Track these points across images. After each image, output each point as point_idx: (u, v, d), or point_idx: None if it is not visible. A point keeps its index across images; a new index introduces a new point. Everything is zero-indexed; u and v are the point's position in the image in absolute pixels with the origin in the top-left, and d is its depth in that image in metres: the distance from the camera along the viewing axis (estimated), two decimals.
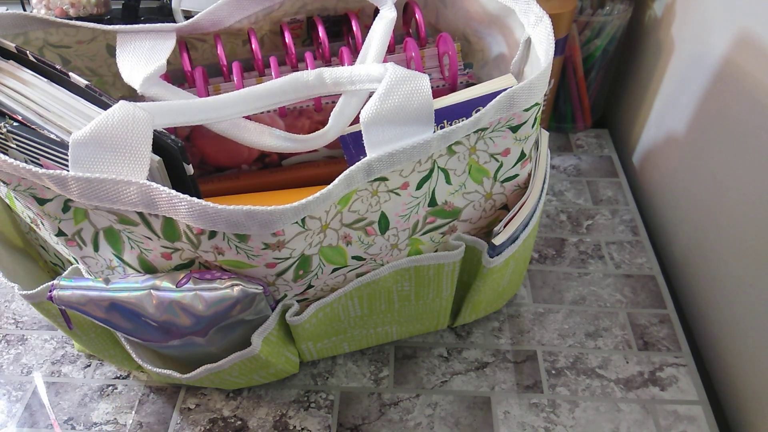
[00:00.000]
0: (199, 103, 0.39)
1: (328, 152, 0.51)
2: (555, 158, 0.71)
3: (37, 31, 0.45)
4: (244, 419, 0.48)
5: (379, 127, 0.35)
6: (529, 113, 0.39)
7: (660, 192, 0.64)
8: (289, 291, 0.41)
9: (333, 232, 0.38)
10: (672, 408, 0.47)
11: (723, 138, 0.51)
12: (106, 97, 0.37)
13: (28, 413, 0.48)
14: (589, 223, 0.63)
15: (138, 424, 0.47)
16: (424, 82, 0.36)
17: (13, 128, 0.37)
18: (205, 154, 0.48)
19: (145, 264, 0.39)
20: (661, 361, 0.50)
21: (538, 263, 0.59)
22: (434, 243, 0.44)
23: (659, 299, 0.55)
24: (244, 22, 0.49)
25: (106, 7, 0.65)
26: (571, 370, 0.50)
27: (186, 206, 0.33)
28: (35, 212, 0.37)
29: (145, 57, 0.43)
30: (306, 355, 0.48)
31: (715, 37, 0.53)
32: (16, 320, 0.55)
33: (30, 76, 0.38)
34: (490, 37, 0.49)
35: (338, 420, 0.47)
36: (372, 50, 0.43)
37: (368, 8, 0.52)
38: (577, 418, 0.47)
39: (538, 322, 0.54)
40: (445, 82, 0.48)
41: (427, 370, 0.50)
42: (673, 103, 0.61)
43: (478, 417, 0.47)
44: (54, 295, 0.38)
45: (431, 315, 0.49)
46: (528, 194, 0.43)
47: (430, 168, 0.38)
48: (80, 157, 0.34)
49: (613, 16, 0.65)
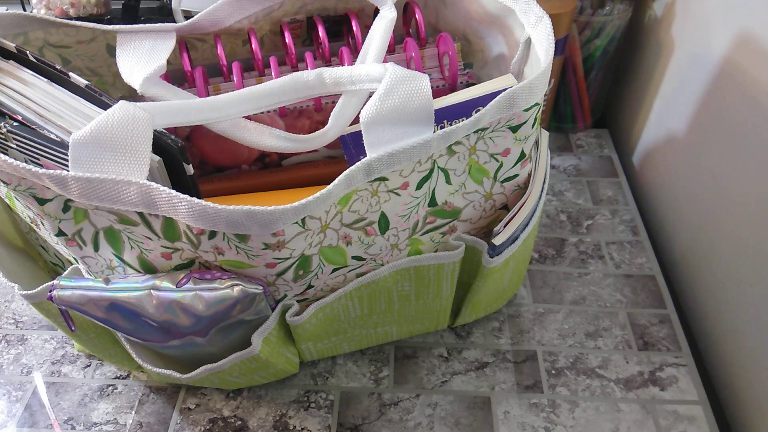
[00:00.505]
0: (199, 103, 0.39)
1: (328, 152, 0.51)
2: (555, 158, 0.71)
3: (37, 31, 0.45)
4: (244, 419, 0.48)
5: (379, 127, 0.35)
6: (529, 113, 0.39)
7: (660, 192, 0.64)
8: (289, 291, 0.41)
9: (333, 232, 0.38)
10: (672, 408, 0.47)
11: (723, 138, 0.51)
12: (106, 97, 0.37)
13: (28, 413, 0.48)
14: (589, 223, 0.63)
15: (138, 424, 0.47)
16: (424, 82, 0.36)
17: (13, 128, 0.37)
18: (205, 154, 0.48)
19: (145, 264, 0.39)
20: (661, 361, 0.50)
21: (538, 263, 0.59)
22: (434, 243, 0.44)
23: (659, 299, 0.55)
24: (244, 22, 0.49)
25: (106, 7, 0.65)
26: (571, 370, 0.50)
27: (186, 206, 0.33)
28: (35, 212, 0.37)
29: (145, 57, 0.43)
30: (306, 355, 0.48)
31: (715, 37, 0.53)
32: (16, 320, 0.55)
33: (30, 76, 0.38)
34: (490, 37, 0.49)
35: (338, 420, 0.47)
36: (372, 50, 0.43)
37: (368, 8, 0.52)
38: (577, 418, 0.47)
39: (538, 322, 0.54)
40: (445, 82, 0.48)
41: (427, 370, 0.50)
42: (673, 103, 0.61)
43: (478, 417, 0.47)
44: (54, 295, 0.38)
45: (431, 315, 0.49)
46: (528, 194, 0.43)
47: (430, 168, 0.38)
48: (80, 157, 0.34)
49: (613, 16, 0.65)
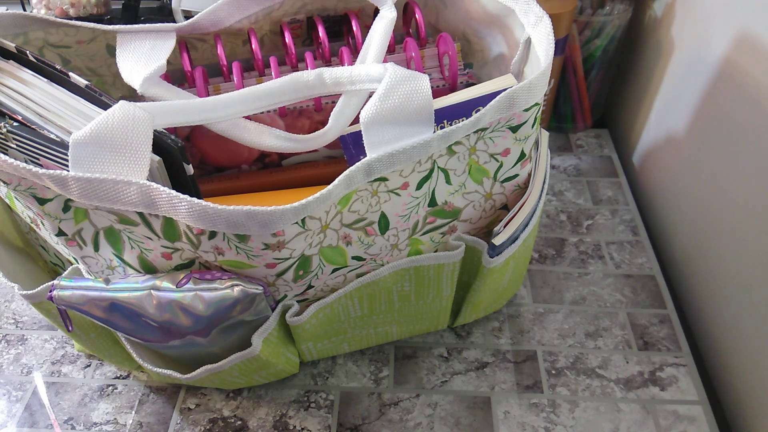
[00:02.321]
0: (199, 103, 0.39)
1: (328, 152, 0.51)
2: (555, 158, 0.71)
3: (37, 31, 0.45)
4: (244, 419, 0.48)
5: (379, 128, 0.35)
6: (529, 113, 0.39)
7: (660, 192, 0.64)
8: (289, 291, 0.41)
9: (333, 232, 0.38)
10: (672, 408, 0.47)
11: (723, 138, 0.51)
12: (106, 97, 0.37)
13: (28, 413, 0.48)
14: (589, 223, 0.63)
15: (138, 424, 0.47)
16: (424, 82, 0.36)
17: (13, 128, 0.37)
18: (205, 154, 0.48)
19: (146, 264, 0.39)
20: (661, 361, 0.50)
21: (538, 263, 0.59)
22: (434, 243, 0.44)
23: (659, 299, 0.55)
24: (244, 22, 0.49)
25: (106, 7, 0.65)
26: (571, 370, 0.50)
27: (186, 206, 0.33)
28: (35, 212, 0.37)
29: (145, 57, 0.43)
30: (306, 356, 0.48)
31: (715, 37, 0.53)
32: (16, 320, 0.55)
33: (30, 76, 0.38)
34: (490, 37, 0.49)
35: (338, 420, 0.47)
36: (372, 50, 0.43)
37: (368, 8, 0.52)
38: (577, 418, 0.47)
39: (538, 322, 0.54)
40: (445, 82, 0.48)
41: (427, 370, 0.50)
42: (673, 103, 0.61)
43: (478, 417, 0.47)
44: (54, 295, 0.38)
45: (431, 315, 0.49)
46: (528, 194, 0.43)
47: (430, 168, 0.38)
48: (80, 157, 0.34)
49: (613, 16, 0.65)
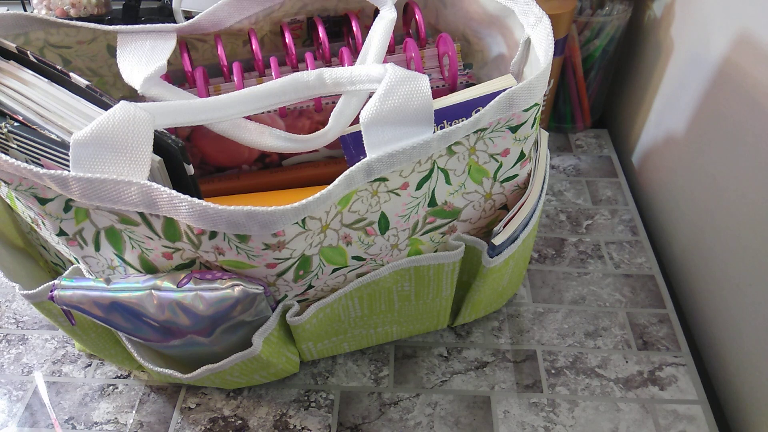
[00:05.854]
0: (200, 104, 0.39)
1: (328, 152, 0.51)
2: (555, 158, 0.71)
3: (37, 31, 0.45)
4: (244, 419, 0.48)
5: (379, 128, 0.35)
6: (528, 113, 0.39)
7: (659, 192, 0.64)
8: (289, 291, 0.41)
9: (333, 232, 0.38)
10: (671, 407, 0.48)
11: (722, 138, 0.51)
12: (106, 98, 0.37)
13: (28, 413, 0.48)
14: (588, 223, 0.63)
15: (139, 424, 0.47)
16: (423, 82, 0.36)
17: (14, 128, 0.37)
18: (206, 155, 0.48)
19: (146, 264, 0.39)
20: (661, 360, 0.51)
21: (537, 263, 0.59)
22: (434, 243, 0.44)
23: (658, 299, 0.55)
24: (245, 22, 0.49)
25: (106, 8, 0.65)
26: (571, 370, 0.50)
27: (187, 206, 0.33)
28: (36, 212, 0.37)
29: (145, 57, 0.43)
30: (306, 355, 0.49)
31: (714, 37, 0.53)
32: (16, 320, 0.55)
33: (31, 77, 0.38)
34: (489, 37, 0.49)
35: (338, 419, 0.47)
36: (372, 51, 0.43)
37: (368, 9, 0.53)
38: (576, 417, 0.47)
39: (538, 321, 0.54)
40: (445, 82, 0.48)
41: (427, 369, 0.50)
42: (673, 103, 0.61)
43: (477, 416, 0.47)
44: (55, 295, 0.38)
45: (431, 315, 0.49)
46: (527, 194, 0.43)
47: (430, 168, 0.38)
48: (81, 157, 0.34)
49: (613, 16, 0.65)
